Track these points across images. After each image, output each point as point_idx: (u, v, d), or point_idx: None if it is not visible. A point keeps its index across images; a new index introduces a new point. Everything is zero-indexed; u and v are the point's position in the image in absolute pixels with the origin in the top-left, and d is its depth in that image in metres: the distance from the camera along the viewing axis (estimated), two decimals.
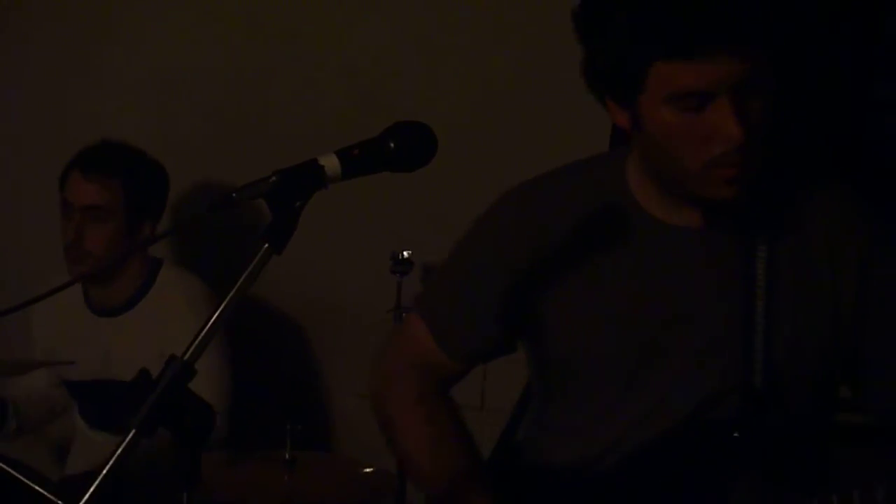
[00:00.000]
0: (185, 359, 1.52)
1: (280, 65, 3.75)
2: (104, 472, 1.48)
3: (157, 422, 1.49)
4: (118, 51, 3.91)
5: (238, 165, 3.44)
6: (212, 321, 1.55)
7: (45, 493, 2.57)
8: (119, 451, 1.49)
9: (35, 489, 2.57)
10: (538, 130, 3.35)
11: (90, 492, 1.49)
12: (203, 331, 1.54)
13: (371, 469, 3.02)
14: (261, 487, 2.94)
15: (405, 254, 3.10)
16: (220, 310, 1.55)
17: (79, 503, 1.48)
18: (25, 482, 2.58)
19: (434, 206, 3.34)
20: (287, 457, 2.96)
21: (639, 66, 1.78)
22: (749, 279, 1.90)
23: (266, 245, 1.56)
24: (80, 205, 3.25)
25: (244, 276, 1.56)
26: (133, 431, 1.48)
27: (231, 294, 1.56)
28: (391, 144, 1.66)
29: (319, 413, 3.77)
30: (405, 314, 2.75)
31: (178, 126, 3.83)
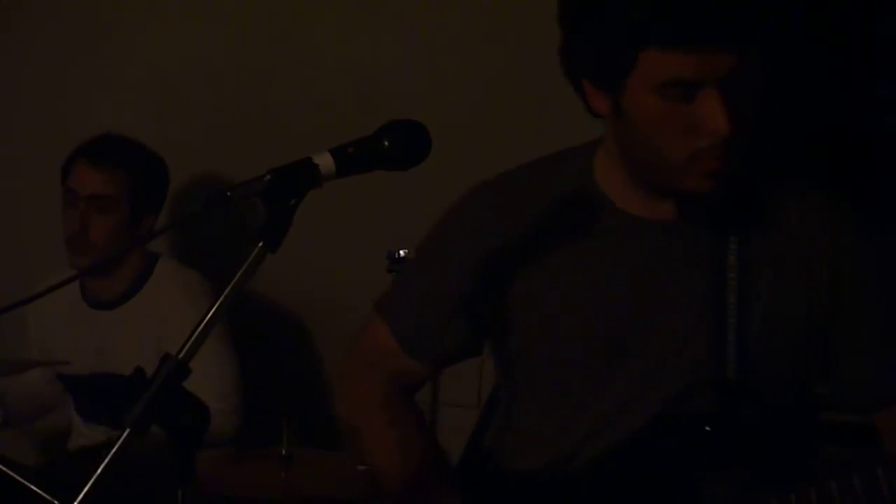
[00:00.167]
0: (180, 357, 1.52)
1: (278, 63, 3.75)
2: (99, 471, 1.48)
3: (152, 420, 1.50)
4: (117, 50, 3.91)
5: (236, 163, 3.44)
6: (207, 319, 1.55)
7: (32, 487, 2.57)
8: (114, 450, 1.49)
9: (22, 482, 2.58)
10: (535, 129, 3.35)
11: (85, 490, 1.49)
12: (198, 329, 1.55)
13: (367, 466, 3.01)
14: (257, 484, 2.94)
15: (401, 252, 3.10)
16: (216, 308, 1.55)
17: (73, 502, 1.49)
18: (26, 483, 2.58)
19: (431, 205, 3.33)
20: (283, 453, 2.97)
21: (630, 51, 1.74)
22: (720, 272, 1.87)
23: (261, 243, 1.57)
24: (86, 194, 3.24)
25: (239, 274, 1.56)
26: (128, 430, 1.49)
27: (226, 292, 1.56)
28: (385, 142, 1.66)
29: (316, 410, 3.77)
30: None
31: (177, 124, 3.83)
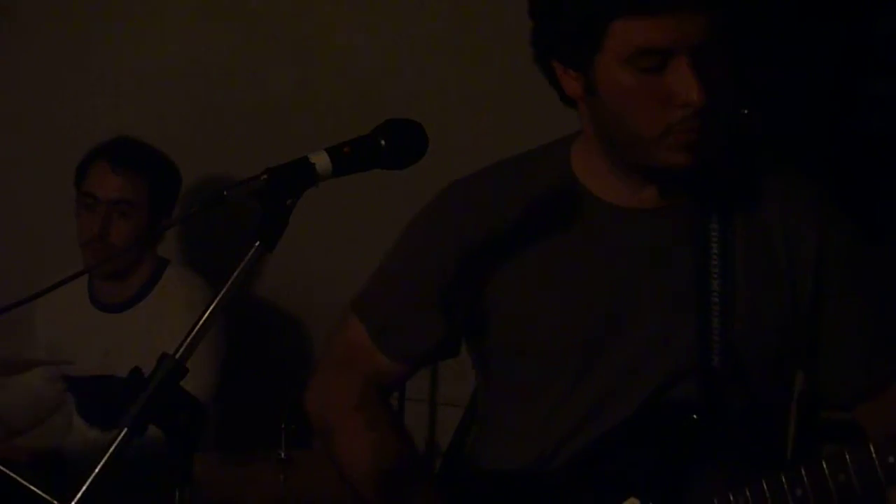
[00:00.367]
0: (177, 357, 1.52)
1: (275, 63, 3.75)
2: (96, 471, 1.48)
3: (149, 420, 1.49)
4: (117, 50, 3.91)
5: (234, 163, 3.44)
6: (203, 318, 1.55)
7: (46, 497, 2.57)
8: (111, 450, 1.49)
9: (35, 490, 2.58)
10: (533, 129, 3.33)
11: (83, 490, 1.49)
12: (195, 329, 1.55)
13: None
14: (256, 486, 2.94)
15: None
16: (212, 307, 1.56)
17: (71, 502, 1.49)
18: (26, 483, 2.58)
19: None
20: (282, 456, 2.96)
21: (598, 24, 1.74)
22: (704, 258, 1.85)
23: (257, 243, 1.57)
24: (108, 198, 3.23)
25: (235, 274, 1.56)
26: (125, 430, 1.49)
27: (223, 292, 1.56)
28: (382, 142, 1.66)
29: None
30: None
31: (175, 124, 3.83)
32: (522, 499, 1.93)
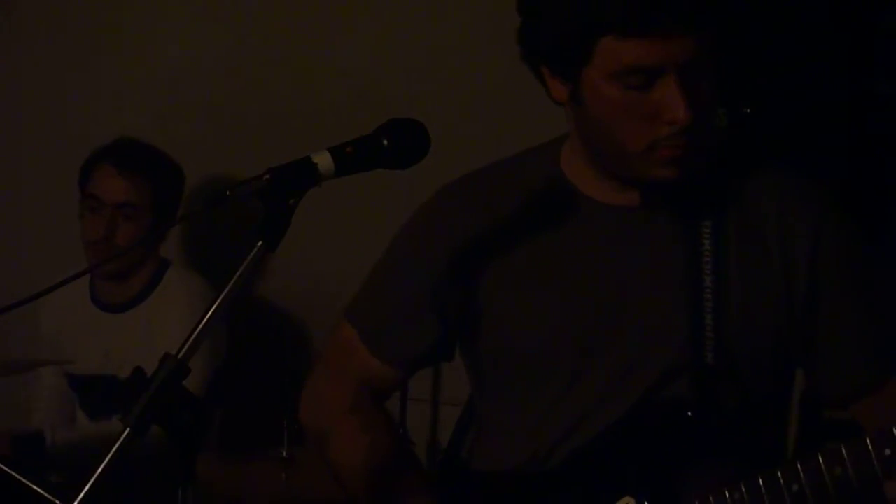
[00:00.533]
0: (180, 357, 1.52)
1: (277, 64, 3.76)
2: (99, 470, 1.49)
3: (152, 420, 1.50)
4: (118, 52, 3.91)
5: (236, 163, 3.44)
6: (206, 318, 1.55)
7: (49, 497, 2.57)
8: (114, 450, 1.49)
9: (35, 490, 2.58)
10: (535, 128, 3.33)
11: (86, 489, 1.49)
12: (197, 328, 1.55)
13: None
14: (258, 485, 2.94)
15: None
16: (215, 307, 1.56)
17: (73, 501, 1.49)
18: (26, 483, 2.58)
19: None
20: (284, 454, 2.96)
21: (587, 39, 1.72)
22: (696, 255, 1.84)
23: (260, 243, 1.57)
24: (113, 201, 3.23)
25: (238, 274, 1.56)
26: (127, 430, 1.49)
27: (225, 292, 1.56)
28: (384, 141, 1.66)
29: None
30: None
31: (177, 125, 3.83)
32: (517, 499, 1.91)
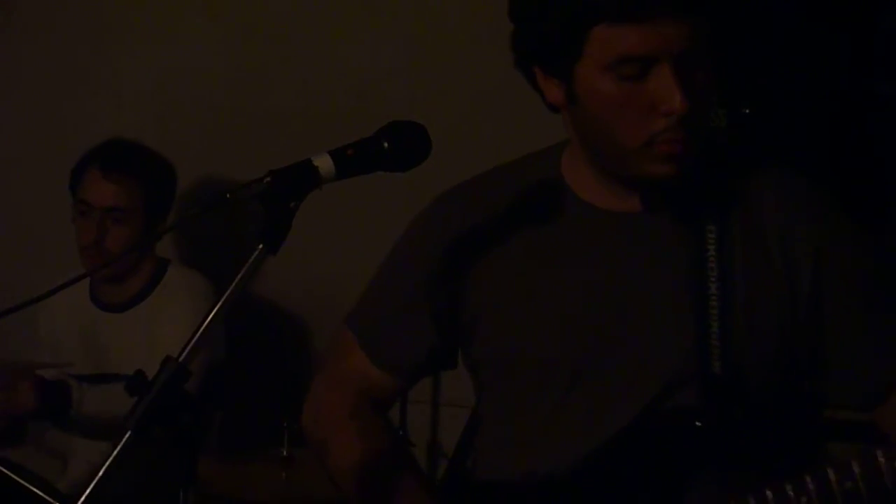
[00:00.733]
0: (181, 360, 1.52)
1: (278, 66, 3.76)
2: (101, 473, 1.49)
3: (153, 422, 1.50)
4: (118, 52, 3.92)
5: (236, 166, 3.44)
6: (207, 321, 1.56)
7: (46, 497, 2.58)
8: (116, 452, 1.50)
9: (39, 494, 2.58)
10: (537, 131, 3.34)
11: (87, 492, 1.49)
12: (198, 331, 1.55)
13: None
14: (258, 485, 2.95)
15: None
16: (216, 310, 1.56)
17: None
18: (29, 487, 2.58)
19: None
20: (284, 454, 2.97)
21: (578, 31, 1.69)
22: (700, 261, 1.79)
23: (260, 246, 1.57)
24: (101, 206, 3.22)
25: (239, 277, 1.56)
26: (129, 433, 1.49)
27: (226, 295, 1.56)
28: (385, 144, 1.66)
29: None
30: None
31: (178, 127, 3.83)
32: None
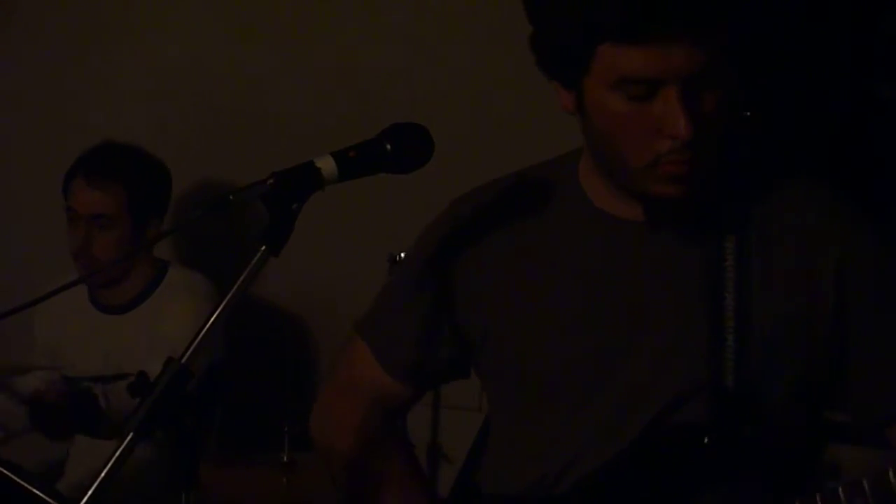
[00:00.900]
0: (183, 361, 1.52)
1: (279, 67, 3.76)
2: (102, 475, 1.49)
3: (155, 424, 1.50)
4: (117, 54, 3.91)
5: (238, 167, 3.44)
6: (209, 323, 1.56)
7: (46, 498, 2.57)
8: (117, 454, 1.49)
9: (36, 493, 2.58)
10: (540, 133, 3.34)
11: (89, 494, 1.49)
12: (201, 333, 1.55)
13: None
14: (259, 489, 2.94)
15: (402, 255, 3.09)
16: (218, 312, 1.56)
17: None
18: (26, 486, 2.58)
19: (432, 208, 3.33)
20: (285, 459, 2.96)
21: (584, 47, 1.64)
22: (717, 272, 1.74)
23: (263, 247, 1.57)
24: (86, 213, 3.23)
25: (241, 279, 1.56)
26: (131, 434, 1.49)
27: (228, 297, 1.57)
28: (388, 146, 1.66)
29: None
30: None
31: (178, 128, 3.83)
32: None
